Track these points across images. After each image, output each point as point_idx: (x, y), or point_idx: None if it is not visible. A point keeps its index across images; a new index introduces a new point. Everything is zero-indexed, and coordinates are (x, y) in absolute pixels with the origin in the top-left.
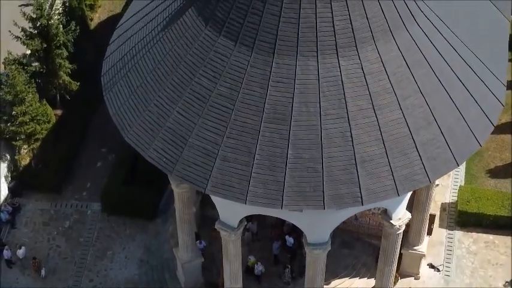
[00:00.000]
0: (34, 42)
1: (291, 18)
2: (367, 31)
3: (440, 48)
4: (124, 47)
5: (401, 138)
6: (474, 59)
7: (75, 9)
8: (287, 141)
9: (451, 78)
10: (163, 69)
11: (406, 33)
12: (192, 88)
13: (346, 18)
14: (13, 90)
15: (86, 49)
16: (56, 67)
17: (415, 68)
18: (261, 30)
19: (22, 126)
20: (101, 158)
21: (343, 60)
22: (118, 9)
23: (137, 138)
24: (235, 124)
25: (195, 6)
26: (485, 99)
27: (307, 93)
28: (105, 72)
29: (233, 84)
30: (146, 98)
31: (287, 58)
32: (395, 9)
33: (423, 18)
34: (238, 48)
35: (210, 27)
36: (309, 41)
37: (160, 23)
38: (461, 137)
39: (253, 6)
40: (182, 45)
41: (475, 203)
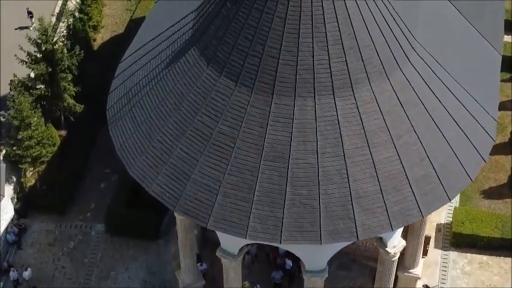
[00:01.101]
0: (39, 66)
1: (289, 60)
2: (362, 72)
3: (433, 86)
4: (128, 82)
5: (395, 175)
6: (466, 96)
7: (79, 31)
8: (285, 179)
9: (444, 115)
10: (167, 107)
11: (400, 73)
12: (194, 126)
13: (342, 60)
14: (19, 115)
15: (90, 70)
16: (60, 90)
17: (409, 106)
18: (260, 71)
19: (28, 150)
20: (105, 178)
21: (339, 100)
22: (121, 30)
23: (141, 173)
24: (235, 162)
25: (197, 46)
26: (476, 135)
27: (305, 132)
28: (110, 106)
29: (234, 123)
30: (150, 134)
31: (285, 98)
32: (390, 50)
33: (416, 58)
34: (239, 88)
35: (211, 67)
36: (307, 82)
37: (163, 61)
38: (453, 172)
39: (253, 49)
40: (185, 84)
41: (469, 224)
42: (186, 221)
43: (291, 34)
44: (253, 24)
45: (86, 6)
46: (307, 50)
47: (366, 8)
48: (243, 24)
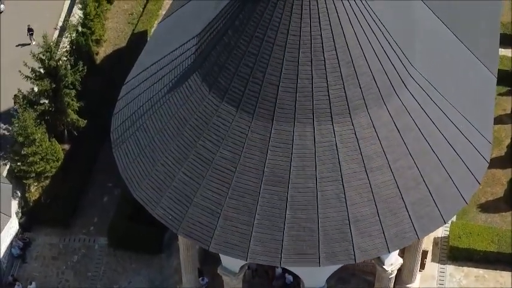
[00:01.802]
0: (43, 82)
1: (289, 87)
2: (360, 99)
3: (429, 111)
4: (132, 105)
5: (391, 198)
6: (461, 119)
7: (82, 46)
8: (285, 203)
9: (439, 139)
10: (170, 131)
11: (396, 98)
12: (196, 150)
13: (340, 87)
14: (24, 132)
15: (92, 85)
16: (64, 105)
17: (405, 131)
18: (261, 98)
19: (32, 166)
20: (107, 192)
21: (337, 126)
22: (123, 43)
23: (145, 196)
24: (237, 186)
25: (199, 72)
26: (471, 158)
27: (304, 157)
28: (114, 128)
29: (235, 148)
30: (153, 158)
31: (285, 124)
32: (387, 76)
33: (413, 83)
34: (240, 114)
35: (213, 93)
36: (306, 108)
37: (166, 85)
38: (448, 195)
39: (254, 76)
40: (187, 109)
41: (465, 238)
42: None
43: (290, 62)
44: (253, 52)
45: (89, 20)
46: (306, 77)
47: (363, 36)
48: (244, 52)
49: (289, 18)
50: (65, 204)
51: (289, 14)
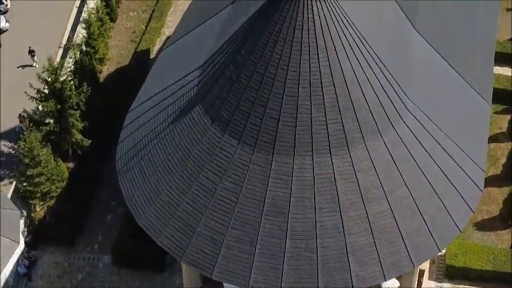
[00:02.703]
0: (49, 104)
1: (289, 121)
2: (358, 132)
3: (424, 142)
4: (136, 134)
5: (388, 228)
6: (456, 149)
7: (85, 65)
8: (285, 233)
9: (434, 169)
10: (173, 161)
11: (392, 131)
12: (199, 181)
13: (338, 121)
14: (30, 154)
15: (96, 103)
16: (69, 126)
17: (401, 162)
18: (262, 131)
19: (38, 186)
20: (111, 210)
21: (335, 159)
22: (126, 61)
23: (150, 225)
24: (238, 216)
25: (202, 104)
26: (465, 187)
27: (304, 189)
28: (119, 157)
29: (237, 180)
30: (158, 187)
31: (285, 157)
32: (383, 110)
33: (408, 115)
34: (242, 146)
35: (215, 125)
36: (305, 142)
37: (170, 116)
38: (443, 224)
39: (255, 110)
40: (190, 140)
41: (462, 257)
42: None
43: (290, 97)
44: (255, 87)
45: (93, 40)
46: (305, 111)
47: (360, 71)
48: (245, 86)
49: (289, 55)
50: (70, 223)
51: (289, 50)
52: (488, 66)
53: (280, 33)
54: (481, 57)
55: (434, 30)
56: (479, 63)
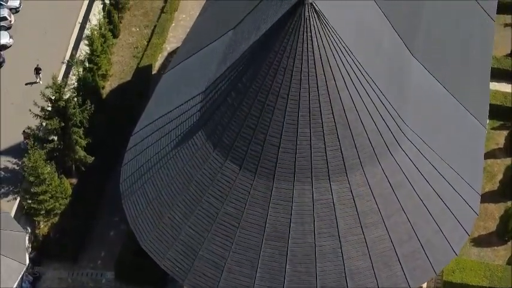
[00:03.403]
0: (53, 121)
1: (289, 148)
2: (356, 158)
3: (420, 167)
4: (140, 158)
5: (385, 252)
6: (452, 173)
7: (88, 82)
8: (285, 257)
9: (430, 194)
10: (176, 186)
11: (390, 157)
12: (201, 206)
13: (337, 148)
14: (35, 172)
15: (99, 119)
16: (72, 143)
17: (398, 188)
18: (262, 158)
19: (42, 204)
20: (114, 226)
21: (334, 184)
22: (128, 77)
23: (153, 248)
24: (240, 240)
25: (204, 130)
26: (461, 211)
27: (303, 214)
28: (123, 180)
29: (238, 205)
30: (161, 211)
31: (285, 183)
32: (381, 136)
33: (406, 141)
34: (243, 172)
35: (217, 151)
36: (305, 168)
37: (173, 140)
38: (439, 248)
39: (256, 137)
40: (193, 166)
41: (459, 273)
42: None
43: (290, 125)
44: (255, 115)
45: (96, 56)
46: (305, 139)
47: (359, 99)
48: (246, 114)
49: (289, 84)
50: (73, 239)
51: (289, 79)
52: (484, 90)
53: (280, 63)
54: (477, 81)
55: (431, 55)
56: (475, 87)
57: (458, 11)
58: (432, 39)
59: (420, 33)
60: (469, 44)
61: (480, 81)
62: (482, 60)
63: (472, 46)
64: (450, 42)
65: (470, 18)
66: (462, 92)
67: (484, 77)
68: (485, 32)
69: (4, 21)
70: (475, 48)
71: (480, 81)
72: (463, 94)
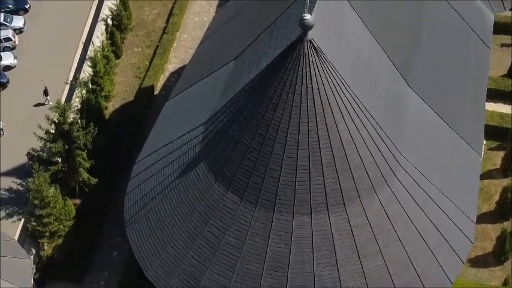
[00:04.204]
0: (57, 144)
1: (288, 181)
2: (353, 190)
3: (416, 197)
4: (144, 186)
5: (383, 281)
6: (447, 202)
7: (91, 103)
8: (285, 287)
9: (426, 223)
10: (179, 216)
11: (387, 188)
12: (204, 236)
13: (335, 180)
14: (39, 196)
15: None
16: (76, 165)
17: (395, 218)
18: (263, 190)
19: (47, 226)
20: (117, 247)
21: (332, 216)
22: (130, 98)
23: (157, 276)
24: (240, 270)
25: (206, 161)
26: (456, 239)
27: (302, 244)
28: (127, 208)
29: (239, 235)
30: (164, 240)
31: (285, 214)
32: (378, 168)
33: (402, 172)
34: (244, 204)
35: (219, 182)
36: (304, 200)
37: (175, 170)
38: (435, 276)
39: (257, 169)
40: (195, 196)
41: None
42: None
43: (289, 158)
44: (256, 148)
45: (99, 78)
46: (304, 172)
47: (356, 132)
48: (247, 147)
49: (289, 119)
50: (77, 260)
51: (289, 114)
52: (479, 118)
53: (280, 98)
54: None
55: (427, 85)
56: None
57: (454, 40)
58: (428, 69)
59: (417, 64)
60: (465, 73)
61: (475, 109)
62: (477, 88)
63: (467, 74)
64: (446, 72)
65: (466, 46)
66: (458, 121)
67: (479, 105)
68: (481, 60)
69: (8, 42)
70: (471, 77)
71: (475, 109)
72: (458, 123)
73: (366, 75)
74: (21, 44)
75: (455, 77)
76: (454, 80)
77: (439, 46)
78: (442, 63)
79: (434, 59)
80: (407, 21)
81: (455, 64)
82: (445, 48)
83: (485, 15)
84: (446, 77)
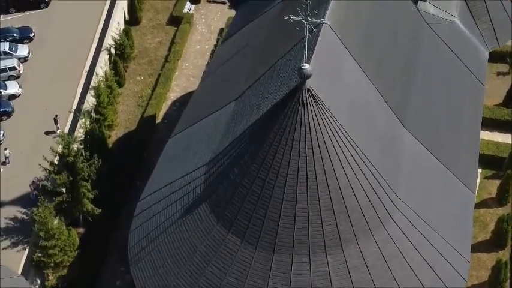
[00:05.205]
0: (62, 176)
1: (287, 223)
2: (350, 232)
3: (412, 238)
4: (147, 225)
5: None
6: (442, 243)
7: (95, 133)
8: None
9: (421, 263)
10: (182, 255)
11: (383, 230)
12: (206, 276)
13: (333, 223)
14: (44, 228)
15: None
16: (80, 196)
17: (391, 259)
18: (263, 232)
19: (52, 257)
20: (120, 276)
21: (330, 257)
22: (133, 126)
23: None
24: None
25: (208, 202)
26: (450, 278)
27: (301, 285)
28: (131, 246)
29: (239, 276)
30: (167, 279)
31: (284, 256)
32: (375, 211)
33: (398, 214)
34: (244, 245)
35: (221, 224)
36: (302, 242)
37: (178, 210)
38: None
39: (257, 212)
40: (197, 236)
41: None
42: None
43: (289, 201)
44: (256, 191)
45: (102, 108)
46: (303, 214)
47: (353, 176)
48: (248, 190)
49: (288, 163)
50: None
51: (288, 159)
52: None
53: (279, 144)
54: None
55: (423, 126)
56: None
57: (449, 79)
58: (424, 109)
59: (412, 104)
60: (459, 111)
61: (470, 147)
62: (471, 126)
63: (462, 113)
64: (441, 111)
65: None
66: (452, 160)
67: (474, 142)
68: (475, 98)
69: (13, 71)
70: (465, 115)
71: (470, 147)
72: (453, 162)
73: (362, 119)
74: (26, 73)
75: (450, 116)
76: (449, 119)
77: (434, 85)
78: (437, 102)
79: (430, 98)
80: (403, 62)
81: (450, 103)
82: (440, 87)
83: (479, 52)
84: (441, 116)
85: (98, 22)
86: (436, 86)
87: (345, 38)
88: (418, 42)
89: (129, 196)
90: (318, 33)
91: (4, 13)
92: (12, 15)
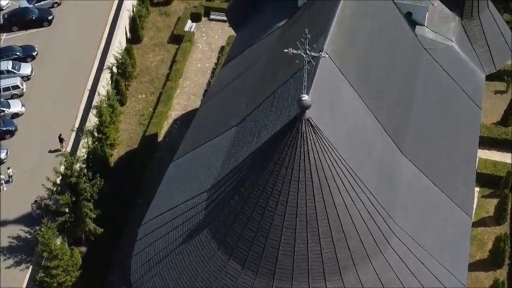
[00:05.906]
0: (65, 196)
1: (287, 250)
2: (349, 259)
3: (409, 264)
4: (150, 250)
5: None
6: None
7: (97, 152)
8: None
9: None
10: (183, 281)
11: (381, 256)
12: None
13: (331, 250)
14: (48, 248)
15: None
16: (83, 216)
17: (389, 285)
18: (263, 259)
19: (55, 278)
20: None
21: (329, 284)
22: (135, 145)
23: None
24: None
25: (209, 228)
26: None
27: None
28: (134, 270)
29: None
30: None
31: (284, 282)
32: (372, 238)
33: (395, 240)
34: (245, 271)
35: (222, 250)
36: (302, 269)
37: (180, 236)
38: None
39: (257, 239)
40: (198, 262)
41: None
42: None
43: (288, 229)
44: (257, 219)
45: (104, 127)
46: (302, 242)
47: (352, 204)
48: (248, 218)
49: (288, 192)
50: None
51: (288, 188)
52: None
53: (279, 173)
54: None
55: (419, 150)
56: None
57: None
58: (420, 134)
59: (409, 130)
60: (456, 135)
61: (466, 171)
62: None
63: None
64: (437, 135)
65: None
66: (449, 184)
67: (470, 166)
68: (472, 121)
69: (16, 89)
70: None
71: (466, 171)
72: (450, 186)
73: (360, 146)
74: (29, 92)
75: (447, 140)
76: (446, 143)
77: (431, 110)
78: (434, 126)
79: (426, 123)
80: (401, 87)
81: (447, 127)
82: (437, 111)
83: (476, 75)
84: (437, 140)
85: (100, 40)
86: (434, 111)
87: (343, 66)
88: (416, 68)
89: (130, 215)
90: (316, 63)
91: (7, 31)
92: (15, 33)
